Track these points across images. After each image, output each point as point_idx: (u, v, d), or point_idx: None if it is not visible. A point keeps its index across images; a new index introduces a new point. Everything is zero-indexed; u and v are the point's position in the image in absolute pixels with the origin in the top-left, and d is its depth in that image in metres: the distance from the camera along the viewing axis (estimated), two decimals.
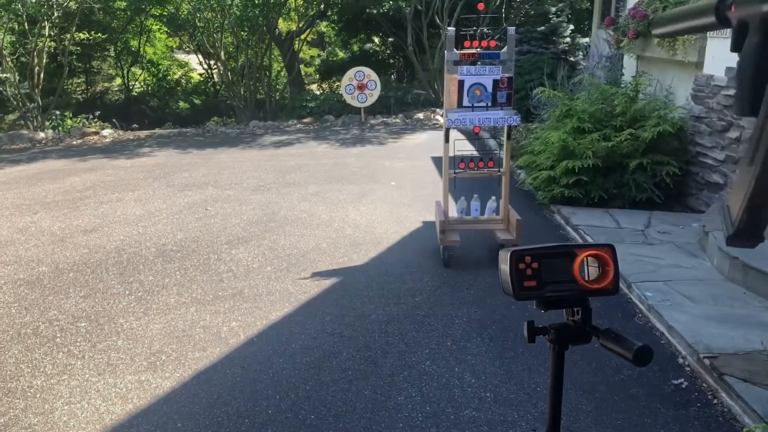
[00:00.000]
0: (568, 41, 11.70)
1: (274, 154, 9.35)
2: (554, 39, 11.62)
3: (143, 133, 12.54)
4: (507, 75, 4.23)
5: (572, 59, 11.31)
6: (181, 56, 19.80)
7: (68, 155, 9.90)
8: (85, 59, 16.93)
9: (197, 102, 17.78)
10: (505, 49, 4.24)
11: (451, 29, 4.21)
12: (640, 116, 5.67)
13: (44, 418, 2.76)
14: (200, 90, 18.50)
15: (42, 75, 12.42)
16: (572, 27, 12.06)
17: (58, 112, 12.91)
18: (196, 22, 14.08)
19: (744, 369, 2.83)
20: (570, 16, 12.71)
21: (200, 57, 17.05)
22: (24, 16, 11.94)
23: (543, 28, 11.74)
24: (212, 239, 5.24)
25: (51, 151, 10.40)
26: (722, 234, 0.54)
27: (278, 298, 4.00)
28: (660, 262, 4.26)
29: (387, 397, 2.86)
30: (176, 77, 18.76)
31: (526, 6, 14.07)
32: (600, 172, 5.55)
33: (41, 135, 11.71)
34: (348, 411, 2.76)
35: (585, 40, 11.86)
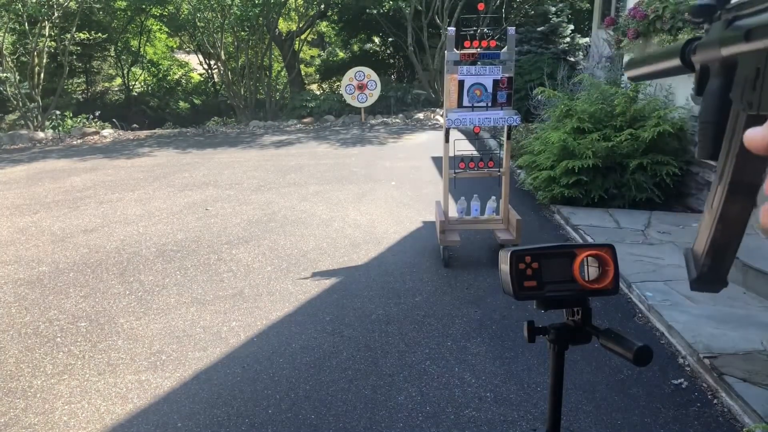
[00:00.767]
0: (568, 41, 11.70)
1: (275, 154, 9.35)
2: (554, 39, 11.63)
3: (143, 133, 12.54)
4: (507, 75, 4.23)
5: (572, 59, 11.31)
6: (181, 56, 19.80)
7: (68, 155, 9.90)
8: (86, 59, 16.94)
9: (197, 102, 17.79)
10: (505, 49, 4.24)
11: (451, 29, 4.21)
12: (640, 116, 5.68)
13: (44, 418, 2.76)
14: (200, 90, 18.51)
15: (42, 75, 12.42)
16: (572, 27, 12.07)
17: (59, 112, 12.92)
18: (196, 22, 14.08)
19: (744, 369, 2.83)
20: (570, 16, 12.71)
21: (200, 57, 17.06)
22: (24, 16, 11.95)
23: (543, 28, 11.74)
24: (212, 239, 5.24)
25: (51, 151, 10.40)
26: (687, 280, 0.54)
27: (278, 298, 4.00)
28: (660, 262, 4.26)
29: (387, 397, 2.86)
30: (176, 77, 18.76)
31: (526, 6, 14.07)
32: (600, 172, 5.55)
33: (41, 135, 11.71)
34: (348, 411, 2.76)
35: (585, 40, 11.86)
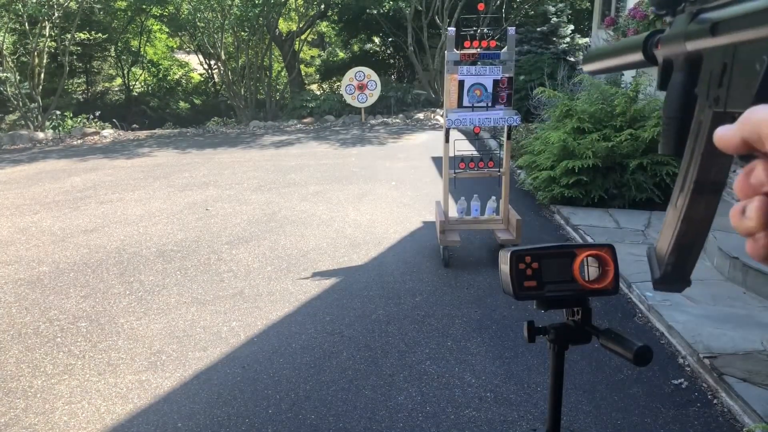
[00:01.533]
0: (568, 41, 11.70)
1: (275, 154, 9.35)
2: (554, 39, 11.63)
3: (143, 133, 12.55)
4: (507, 75, 4.23)
5: (572, 59, 11.31)
6: (182, 56, 19.80)
7: (68, 155, 9.90)
8: (86, 59, 16.94)
9: (197, 102, 17.80)
10: (505, 49, 4.24)
11: (452, 29, 4.21)
12: (640, 116, 5.68)
13: (45, 418, 2.76)
14: (200, 90, 18.52)
15: (42, 75, 12.43)
16: (572, 27, 12.07)
17: (59, 112, 12.92)
18: (197, 22, 14.09)
19: (744, 369, 2.84)
20: (570, 16, 12.71)
21: (200, 57, 17.07)
22: (24, 16, 11.95)
23: (543, 28, 11.74)
24: (212, 239, 5.24)
25: (51, 151, 10.40)
26: (651, 278, 0.53)
27: (278, 298, 4.00)
28: None
29: (387, 397, 2.86)
30: (176, 77, 18.77)
31: (526, 6, 14.07)
32: (600, 172, 5.55)
33: (41, 135, 11.72)
34: (348, 411, 2.76)
35: (585, 40, 11.86)
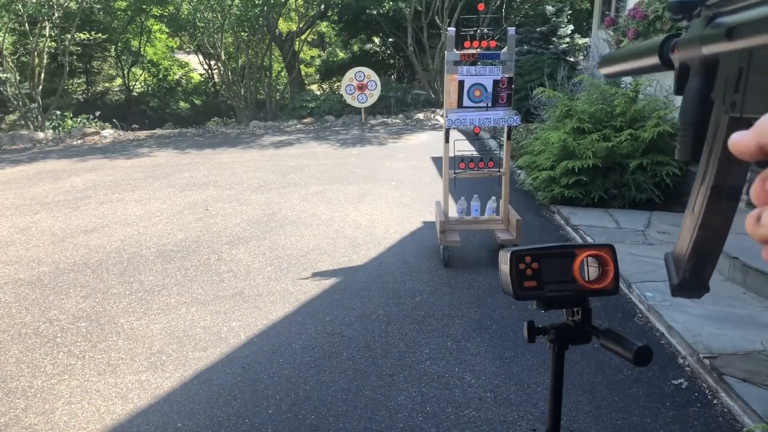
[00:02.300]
0: (568, 41, 11.70)
1: (275, 155, 9.35)
2: (554, 39, 11.63)
3: (143, 134, 12.55)
4: (507, 75, 4.24)
5: (572, 59, 11.31)
6: (182, 56, 19.81)
7: (68, 155, 9.90)
8: (86, 59, 16.95)
9: (197, 102, 17.80)
10: (505, 50, 4.24)
11: (451, 29, 4.21)
12: (640, 116, 5.68)
13: (44, 418, 2.76)
14: (200, 90, 18.52)
15: (42, 75, 12.43)
16: (572, 27, 12.07)
17: (59, 113, 12.92)
18: (197, 22, 14.09)
19: (744, 369, 2.84)
20: (570, 16, 12.71)
21: (200, 57, 17.08)
22: (24, 17, 11.95)
23: (543, 29, 11.74)
24: (212, 239, 5.24)
25: (51, 152, 10.40)
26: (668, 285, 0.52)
27: (278, 298, 4.00)
28: (660, 262, 4.26)
29: (387, 397, 2.86)
30: (176, 77, 18.77)
31: (526, 6, 14.07)
32: (600, 173, 5.55)
33: (41, 135, 11.72)
34: (348, 411, 2.76)
35: (585, 41, 11.86)
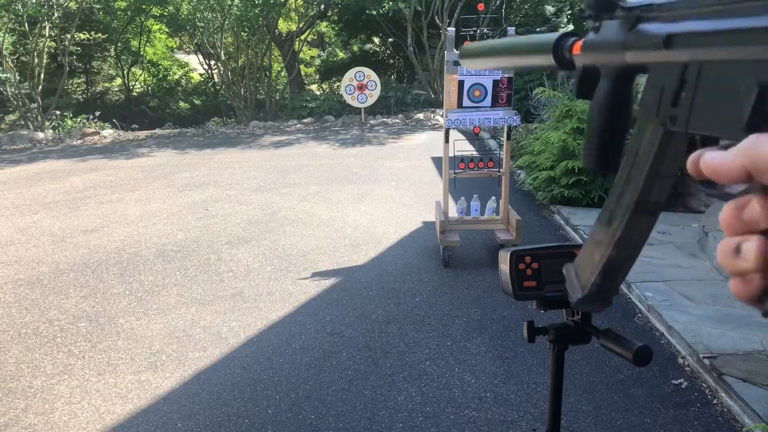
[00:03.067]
0: None
1: (274, 155, 9.35)
2: None
3: (143, 134, 12.55)
4: (507, 75, 4.23)
5: None
6: (182, 56, 19.80)
7: (68, 155, 9.90)
8: (86, 59, 16.94)
9: (197, 102, 17.78)
10: None
11: (451, 30, 4.21)
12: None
13: (44, 418, 2.76)
14: (200, 90, 18.51)
15: (42, 75, 12.43)
16: (572, 27, 12.07)
17: (59, 113, 12.92)
18: (197, 22, 14.09)
19: (744, 369, 2.83)
20: (570, 16, 12.71)
21: (200, 57, 17.08)
22: (24, 17, 11.95)
23: (543, 28, 11.75)
24: (212, 239, 5.24)
25: (51, 152, 10.40)
26: (570, 296, 0.50)
27: (278, 298, 4.00)
28: (660, 262, 4.26)
29: (387, 397, 2.86)
30: (176, 77, 18.77)
31: (526, 6, 14.07)
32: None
33: (41, 135, 11.71)
34: (348, 411, 2.76)
35: None
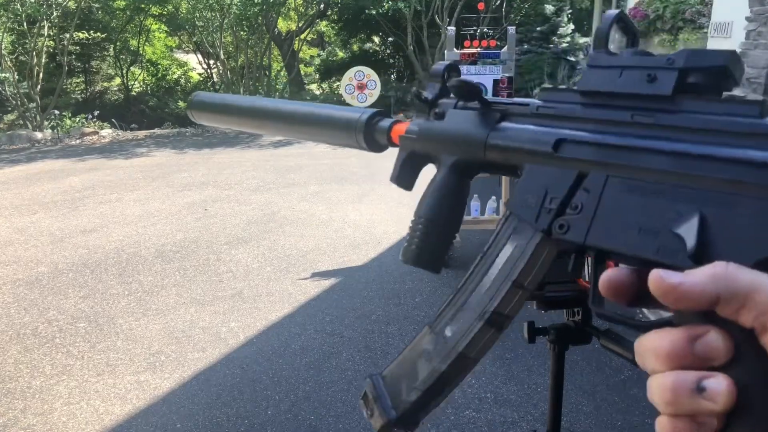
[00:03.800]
0: (568, 41, 11.69)
1: (274, 154, 9.34)
2: (554, 38, 11.62)
3: (142, 133, 12.54)
4: (507, 75, 4.23)
5: (572, 59, 11.30)
6: (181, 56, 19.78)
7: (67, 155, 9.89)
8: (85, 59, 16.92)
9: None
10: (505, 49, 4.23)
11: (451, 29, 4.21)
12: None
13: (43, 419, 2.75)
14: (200, 90, 18.47)
15: (41, 75, 12.42)
16: (572, 26, 12.07)
17: (57, 112, 12.91)
18: (196, 22, 14.08)
19: None
20: (570, 16, 12.70)
21: (200, 56, 17.07)
22: (23, 16, 11.94)
23: (543, 28, 11.74)
24: (211, 239, 5.23)
25: (50, 151, 10.39)
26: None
27: (278, 299, 3.99)
28: None
29: None
30: (175, 77, 18.74)
31: (526, 5, 14.06)
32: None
33: (40, 135, 11.70)
34: (348, 411, 2.75)
35: (585, 40, 11.86)
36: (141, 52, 17.47)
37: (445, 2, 13.31)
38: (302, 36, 16.59)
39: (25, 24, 12.26)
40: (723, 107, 0.31)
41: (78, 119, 12.89)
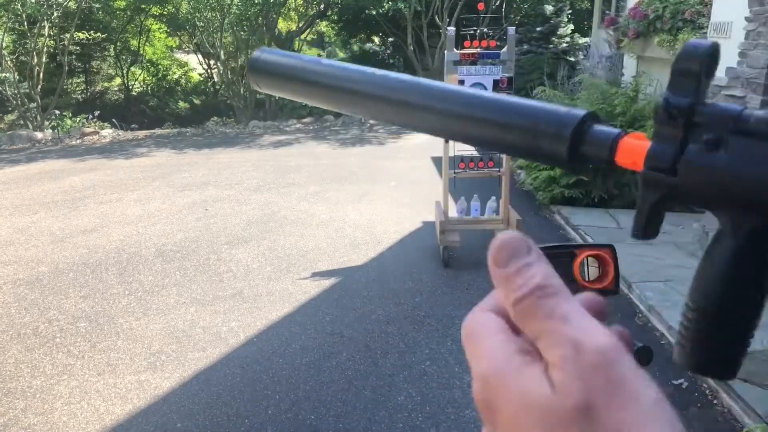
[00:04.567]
0: (568, 41, 11.70)
1: (274, 154, 9.34)
2: (554, 39, 11.62)
3: (142, 133, 12.54)
4: (507, 75, 4.23)
5: (572, 59, 11.31)
6: (181, 56, 19.78)
7: (67, 155, 9.89)
8: (85, 59, 16.91)
9: (197, 102, 17.77)
10: (505, 49, 4.24)
11: (451, 29, 4.21)
12: (641, 116, 5.68)
13: (44, 419, 2.76)
14: (200, 90, 18.49)
15: (41, 75, 12.42)
16: (572, 27, 12.07)
17: (58, 112, 12.91)
18: (196, 22, 14.08)
19: (744, 369, 2.83)
20: (570, 16, 12.71)
21: (200, 57, 17.06)
22: (24, 16, 11.94)
23: (543, 28, 11.74)
24: (212, 239, 5.23)
25: (50, 151, 10.39)
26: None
27: (278, 298, 3.99)
28: (660, 262, 4.26)
29: (387, 398, 2.86)
30: (176, 77, 18.74)
31: (526, 5, 14.06)
32: (600, 172, 5.55)
33: (40, 135, 11.70)
34: (348, 411, 2.76)
35: (585, 40, 11.86)
36: (141, 53, 17.46)
37: (445, 2, 13.31)
38: (302, 36, 16.59)
39: (26, 24, 12.26)
40: None
41: (78, 119, 12.88)
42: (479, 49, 4.21)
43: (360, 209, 6.05)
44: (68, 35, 13.24)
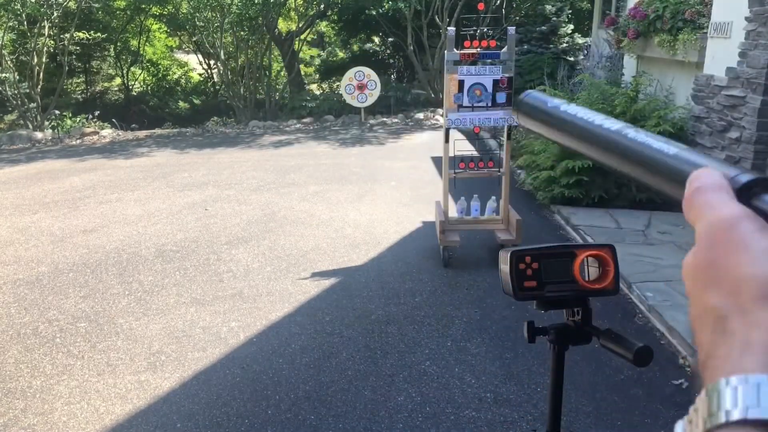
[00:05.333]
0: (568, 41, 11.70)
1: (274, 154, 9.34)
2: (554, 39, 11.62)
3: (142, 133, 12.53)
4: (507, 75, 4.23)
5: (572, 59, 11.31)
6: (181, 56, 19.79)
7: (67, 155, 9.89)
8: (85, 59, 16.91)
9: (197, 102, 17.76)
10: (505, 49, 4.24)
11: (451, 29, 4.21)
12: (641, 116, 5.67)
13: (44, 419, 2.75)
14: (200, 90, 18.48)
15: (41, 75, 12.41)
16: (572, 27, 12.07)
17: (58, 112, 12.91)
18: (196, 22, 14.07)
19: None
20: (570, 16, 12.71)
21: (200, 57, 17.07)
22: (24, 16, 11.94)
23: (543, 28, 11.74)
24: (212, 239, 5.23)
25: (50, 151, 10.39)
26: None
27: (278, 298, 3.99)
28: (660, 262, 4.26)
29: (387, 398, 2.86)
30: (176, 77, 18.74)
31: (526, 5, 14.06)
32: (600, 172, 5.54)
33: (40, 135, 11.70)
34: (348, 411, 2.76)
35: (585, 40, 11.86)
36: (141, 53, 17.46)
37: (445, 2, 13.30)
38: (302, 36, 16.58)
39: (26, 24, 12.26)
40: None
41: (78, 119, 12.89)
42: (479, 49, 4.21)
43: (360, 209, 6.05)
44: (68, 35, 13.24)
